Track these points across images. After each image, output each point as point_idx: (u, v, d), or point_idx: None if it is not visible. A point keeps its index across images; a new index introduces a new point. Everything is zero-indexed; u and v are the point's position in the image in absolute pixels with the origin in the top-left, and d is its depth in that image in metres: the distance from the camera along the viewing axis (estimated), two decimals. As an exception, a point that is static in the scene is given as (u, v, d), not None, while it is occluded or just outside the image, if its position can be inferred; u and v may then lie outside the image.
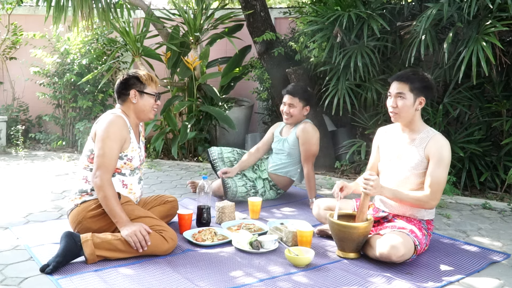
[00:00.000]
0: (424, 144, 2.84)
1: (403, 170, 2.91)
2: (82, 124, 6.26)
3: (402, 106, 2.85)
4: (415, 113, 2.88)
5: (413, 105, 2.85)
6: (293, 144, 3.96)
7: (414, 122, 2.91)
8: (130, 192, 3.01)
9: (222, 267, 2.70)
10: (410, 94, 2.84)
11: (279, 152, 4.04)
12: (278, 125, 4.20)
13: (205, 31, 5.85)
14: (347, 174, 5.13)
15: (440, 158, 2.77)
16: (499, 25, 3.71)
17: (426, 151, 2.82)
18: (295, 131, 3.95)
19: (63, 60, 6.61)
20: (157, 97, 3.05)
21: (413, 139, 2.90)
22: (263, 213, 3.70)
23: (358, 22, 4.50)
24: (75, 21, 5.50)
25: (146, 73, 3.04)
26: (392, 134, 3.05)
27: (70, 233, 2.68)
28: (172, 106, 5.90)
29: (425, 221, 2.93)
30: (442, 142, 2.81)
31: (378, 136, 3.19)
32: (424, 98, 2.86)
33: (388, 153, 3.03)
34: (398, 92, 2.87)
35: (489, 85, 4.49)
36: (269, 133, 4.20)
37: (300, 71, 5.32)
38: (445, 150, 2.79)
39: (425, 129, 2.91)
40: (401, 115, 2.88)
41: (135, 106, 2.99)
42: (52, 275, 2.53)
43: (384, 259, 2.69)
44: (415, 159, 2.85)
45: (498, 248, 3.11)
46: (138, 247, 2.72)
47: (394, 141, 3.01)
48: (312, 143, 3.90)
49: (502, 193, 4.29)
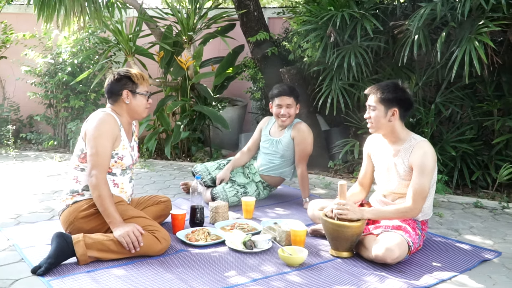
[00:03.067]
0: (408, 154, 2.85)
1: (393, 181, 2.94)
2: (74, 124, 6.23)
3: (374, 117, 2.90)
4: (392, 124, 2.89)
5: (385, 116, 2.87)
6: (287, 145, 3.93)
7: (395, 133, 2.92)
8: (121, 191, 3.00)
9: (216, 267, 2.70)
10: (381, 105, 2.87)
11: (270, 153, 4.00)
12: (266, 122, 4.14)
13: (198, 31, 5.84)
14: (341, 174, 5.14)
15: (422, 167, 2.78)
16: (491, 25, 3.73)
17: (410, 160, 2.83)
18: (290, 132, 3.93)
19: (55, 59, 6.57)
20: (148, 96, 3.04)
21: (398, 150, 2.92)
22: (257, 213, 3.69)
23: (352, 22, 4.50)
24: (67, 20, 5.46)
25: (137, 72, 3.01)
26: (380, 145, 3.06)
27: (62, 234, 2.66)
28: (165, 105, 5.88)
29: (420, 221, 2.93)
30: (425, 149, 2.81)
31: (367, 145, 3.19)
32: (396, 109, 2.85)
33: (379, 165, 3.05)
34: (369, 104, 2.93)
35: (481, 85, 4.51)
36: (257, 130, 4.15)
37: (294, 71, 5.32)
38: (427, 157, 2.79)
39: (408, 138, 2.91)
40: (375, 126, 2.92)
41: (128, 106, 2.97)
42: (44, 277, 2.52)
43: (379, 261, 2.70)
44: (402, 171, 2.88)
45: (489, 246, 3.13)
46: (131, 248, 2.70)
47: (382, 153, 3.03)
48: (308, 143, 3.90)
49: (493, 192, 4.32)
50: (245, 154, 4.13)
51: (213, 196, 3.82)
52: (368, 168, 3.18)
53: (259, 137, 4.13)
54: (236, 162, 4.08)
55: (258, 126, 4.19)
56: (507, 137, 4.29)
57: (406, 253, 2.73)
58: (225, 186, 3.86)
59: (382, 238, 2.76)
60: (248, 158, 4.14)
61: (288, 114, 3.86)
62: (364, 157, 3.20)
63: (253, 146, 4.15)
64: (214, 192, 3.83)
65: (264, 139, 4.06)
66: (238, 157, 4.11)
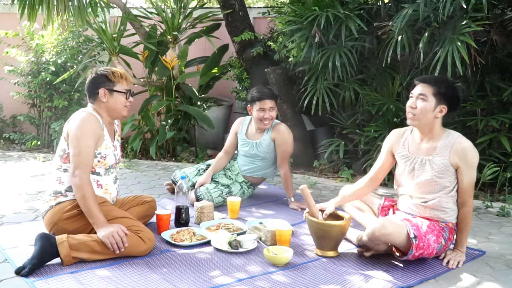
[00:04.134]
0: (447, 151, 2.74)
1: (426, 176, 2.80)
2: (58, 124, 6.17)
3: (421, 108, 2.74)
4: (434, 121, 2.76)
5: (433, 110, 2.73)
6: (267, 147, 3.91)
7: (432, 130, 2.80)
8: (105, 193, 2.98)
9: (201, 267, 2.69)
10: (433, 98, 2.73)
11: (251, 156, 3.97)
12: (240, 124, 4.07)
13: (183, 30, 5.82)
14: (326, 174, 5.16)
15: (470, 162, 2.72)
16: (473, 25, 3.76)
17: (451, 159, 2.73)
18: (269, 133, 3.90)
19: (38, 59, 6.50)
20: (128, 94, 2.98)
21: (434, 147, 2.79)
22: (242, 213, 3.69)
23: (336, 22, 4.52)
24: (50, 19, 5.41)
25: (115, 70, 2.97)
26: (410, 141, 2.92)
27: (45, 234, 2.64)
28: (150, 105, 5.85)
29: (448, 228, 2.80)
30: (464, 144, 2.73)
31: (392, 140, 3.01)
32: (446, 107, 2.74)
33: (406, 162, 2.89)
34: (420, 93, 2.76)
35: (464, 85, 4.55)
36: (232, 134, 4.08)
37: (279, 71, 5.33)
38: (470, 152, 2.72)
39: (445, 134, 2.79)
40: (418, 118, 2.76)
41: (106, 104, 2.94)
42: (28, 278, 2.49)
43: (370, 236, 2.67)
44: (438, 167, 2.76)
45: (473, 245, 3.16)
46: (115, 249, 2.69)
47: (413, 149, 2.88)
48: (289, 144, 3.90)
49: (477, 191, 4.35)
50: (223, 158, 4.09)
51: (197, 197, 3.81)
52: (386, 163, 3.02)
53: (235, 140, 4.08)
54: (216, 167, 4.04)
55: (232, 128, 4.11)
56: (490, 136, 4.33)
57: (404, 238, 2.63)
58: (209, 187, 3.85)
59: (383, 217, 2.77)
60: (227, 161, 4.11)
61: (271, 117, 3.82)
62: (384, 151, 3.04)
63: (230, 149, 4.11)
64: (198, 193, 3.81)
65: (242, 142, 4.02)
66: (216, 162, 4.06)
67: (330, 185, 4.75)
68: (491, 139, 4.39)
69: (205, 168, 4.12)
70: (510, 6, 4.30)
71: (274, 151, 3.94)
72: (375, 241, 2.69)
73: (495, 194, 4.31)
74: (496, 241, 3.25)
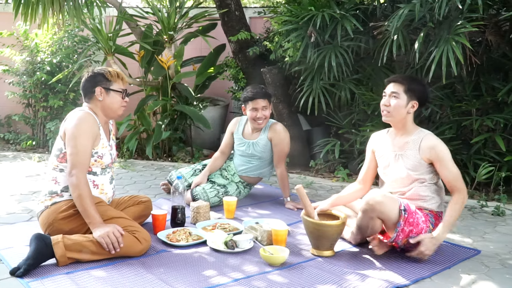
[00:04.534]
0: (416, 146, 2.89)
1: (401, 172, 2.94)
2: (53, 124, 6.15)
3: (394, 105, 2.91)
4: (407, 116, 2.93)
5: (406, 106, 2.90)
6: (264, 147, 3.92)
7: (405, 126, 2.96)
8: (101, 193, 2.97)
9: (197, 268, 2.69)
10: (404, 95, 2.90)
11: (247, 155, 3.98)
12: (236, 124, 4.09)
13: (179, 30, 5.81)
14: (322, 173, 5.16)
15: (442, 157, 2.83)
16: (469, 26, 3.77)
17: (421, 153, 2.87)
18: (266, 133, 3.91)
19: (33, 58, 6.48)
20: (124, 93, 2.99)
21: (406, 142, 2.94)
22: (238, 213, 3.69)
23: (332, 22, 4.53)
24: (45, 18, 5.39)
25: (112, 70, 2.98)
26: (385, 140, 3.08)
27: (40, 235, 2.63)
28: (146, 105, 5.84)
29: (433, 214, 2.90)
30: (434, 141, 2.86)
31: (372, 142, 3.20)
32: (417, 103, 2.91)
33: (384, 159, 3.06)
34: (393, 91, 2.93)
35: (460, 85, 4.57)
36: (228, 134, 4.09)
37: (275, 71, 5.33)
38: (440, 147, 2.84)
39: (416, 131, 2.96)
40: (392, 114, 2.93)
41: (101, 103, 2.94)
42: (23, 278, 2.48)
43: (364, 207, 2.76)
44: (411, 162, 2.90)
45: (468, 244, 3.17)
46: (111, 249, 2.68)
47: (387, 147, 3.04)
48: (286, 143, 3.91)
49: (472, 191, 4.37)
50: (219, 158, 4.09)
51: (193, 196, 3.80)
52: (371, 164, 3.19)
53: (231, 140, 4.09)
54: (212, 167, 4.05)
55: (228, 128, 4.13)
56: (485, 136, 4.35)
57: (396, 213, 2.71)
58: (205, 187, 3.85)
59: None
60: (223, 161, 4.11)
61: (264, 116, 3.83)
62: (368, 154, 3.22)
63: (226, 149, 4.11)
64: (194, 193, 3.81)
65: (239, 142, 4.02)
66: (213, 162, 4.07)
67: (326, 184, 4.76)
68: (486, 139, 4.41)
69: (201, 168, 4.12)
70: (505, 6, 4.31)
71: (271, 150, 3.94)
72: (369, 214, 2.75)
73: (490, 193, 4.32)
74: (491, 240, 3.27)
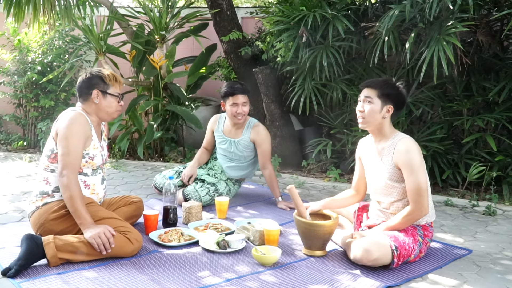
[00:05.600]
0: (391, 152, 2.80)
1: (380, 180, 2.88)
2: (44, 124, 6.11)
3: (368, 110, 2.83)
4: (383, 121, 2.84)
5: (380, 111, 2.82)
6: (246, 147, 3.94)
7: (381, 131, 2.87)
8: (92, 193, 2.96)
9: (189, 268, 2.69)
10: (378, 100, 2.82)
11: (229, 154, 3.99)
12: (216, 121, 4.10)
13: (171, 30, 5.79)
14: (314, 173, 5.17)
15: (409, 164, 2.72)
16: (459, 26, 3.79)
17: (394, 159, 2.78)
18: (248, 133, 3.92)
19: (24, 58, 6.43)
20: (120, 97, 2.99)
21: (382, 148, 2.87)
22: (230, 213, 3.69)
23: (323, 23, 4.53)
24: (36, 18, 5.35)
25: (110, 73, 2.97)
26: (368, 146, 3.02)
27: (31, 235, 2.61)
28: (137, 105, 5.82)
29: (421, 226, 2.84)
30: (407, 146, 2.75)
31: (359, 148, 3.14)
32: (392, 106, 2.82)
33: (367, 165, 3.02)
34: (366, 96, 2.85)
35: (451, 85, 4.59)
36: (209, 132, 4.13)
37: (267, 71, 5.33)
38: (412, 153, 2.73)
39: (392, 136, 2.86)
40: (367, 120, 2.86)
41: (97, 106, 2.93)
42: (14, 279, 2.48)
43: (357, 262, 2.68)
44: (387, 169, 2.82)
45: (460, 244, 3.19)
46: (102, 250, 2.67)
47: (369, 152, 2.99)
48: (268, 143, 3.94)
49: (463, 190, 4.40)
50: (204, 153, 4.15)
51: (185, 196, 3.80)
52: (361, 171, 3.12)
53: (212, 138, 4.13)
54: (200, 160, 4.09)
55: (208, 126, 4.15)
56: (476, 136, 4.38)
57: (390, 257, 2.64)
58: (196, 186, 3.85)
59: (363, 239, 2.70)
60: (208, 156, 4.17)
61: (244, 112, 3.85)
62: (357, 161, 3.16)
63: (208, 146, 4.17)
64: (186, 193, 3.80)
65: (220, 140, 4.04)
66: (199, 155, 4.11)
67: (318, 184, 4.76)
68: (477, 139, 4.44)
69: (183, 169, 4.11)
70: (496, 6, 4.34)
71: (253, 151, 3.98)
72: (363, 263, 2.67)
73: (481, 193, 4.35)
74: (482, 240, 3.29)
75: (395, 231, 2.78)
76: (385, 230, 2.79)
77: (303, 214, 2.93)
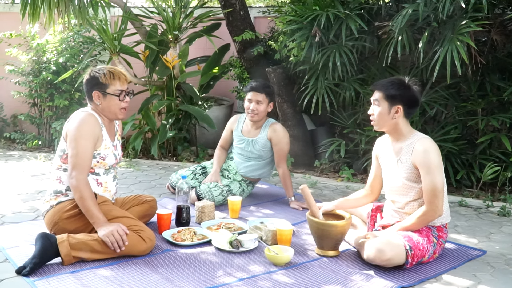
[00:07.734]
0: (410, 152, 2.77)
1: (397, 180, 2.86)
2: (58, 124, 6.17)
3: (377, 113, 2.83)
4: (395, 122, 2.81)
5: (389, 113, 2.80)
6: (263, 146, 3.93)
7: (398, 131, 2.84)
8: (105, 190, 2.98)
9: (202, 267, 2.69)
10: (385, 102, 2.80)
11: (246, 153, 3.99)
12: (236, 122, 4.11)
13: (184, 30, 5.82)
14: (326, 173, 5.16)
15: (427, 164, 2.68)
16: (473, 25, 3.76)
17: (413, 159, 2.75)
18: (265, 132, 3.92)
19: (39, 58, 6.50)
20: (122, 95, 2.92)
21: (400, 148, 2.84)
22: (243, 212, 3.69)
23: (336, 22, 4.52)
24: (51, 19, 5.41)
25: (107, 71, 2.89)
26: (386, 145, 2.99)
27: (46, 234, 2.64)
28: (150, 105, 5.85)
29: (435, 228, 2.82)
30: (426, 146, 2.71)
31: (376, 147, 3.11)
32: (400, 106, 2.78)
33: (384, 165, 2.99)
34: (374, 99, 2.86)
35: (465, 84, 4.56)
36: (228, 131, 4.13)
37: (280, 70, 5.33)
38: (430, 154, 2.69)
39: (411, 135, 2.83)
40: (378, 123, 2.86)
41: (100, 107, 2.92)
42: (29, 277, 2.49)
43: (370, 262, 2.67)
44: (405, 169, 2.80)
45: (473, 245, 3.16)
46: (116, 247, 2.68)
47: (386, 151, 2.96)
48: (285, 143, 3.92)
49: (477, 191, 4.36)
50: (222, 152, 4.15)
51: (198, 195, 3.81)
52: (377, 171, 3.10)
53: (230, 137, 4.12)
54: (220, 163, 4.08)
55: (227, 125, 4.16)
56: (490, 136, 4.34)
57: (404, 257, 2.62)
58: (210, 186, 3.85)
59: (376, 239, 2.68)
60: (225, 155, 4.16)
61: (257, 110, 3.84)
62: (373, 160, 3.13)
63: (225, 144, 4.17)
64: (199, 192, 3.82)
65: (238, 139, 4.04)
66: (218, 158, 4.10)
67: (331, 184, 4.75)
68: (492, 139, 4.40)
69: (201, 172, 4.12)
70: (510, 5, 4.30)
71: (270, 150, 3.96)
72: (376, 263, 2.66)
73: (495, 193, 4.31)
74: (496, 241, 3.26)
75: (409, 231, 2.76)
76: (399, 231, 2.78)
77: (316, 214, 2.93)
